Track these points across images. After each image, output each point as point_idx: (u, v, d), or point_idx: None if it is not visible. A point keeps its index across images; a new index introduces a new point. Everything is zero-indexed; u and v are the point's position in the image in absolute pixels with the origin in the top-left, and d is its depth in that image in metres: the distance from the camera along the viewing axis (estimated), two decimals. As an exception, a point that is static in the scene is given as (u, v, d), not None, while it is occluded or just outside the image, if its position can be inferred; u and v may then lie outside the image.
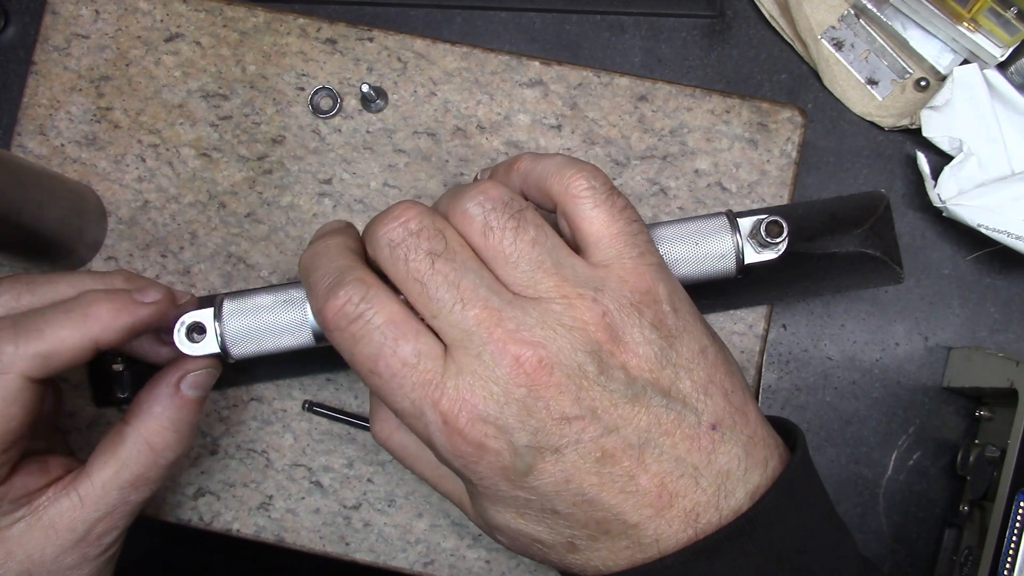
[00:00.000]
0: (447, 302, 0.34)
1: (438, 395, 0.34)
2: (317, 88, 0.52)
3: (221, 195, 0.52)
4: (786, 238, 0.43)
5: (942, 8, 0.52)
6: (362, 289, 0.35)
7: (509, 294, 0.35)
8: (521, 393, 0.33)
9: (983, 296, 0.54)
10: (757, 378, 0.51)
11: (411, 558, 0.51)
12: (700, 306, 0.50)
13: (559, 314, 0.34)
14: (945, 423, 0.54)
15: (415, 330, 0.34)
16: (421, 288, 0.34)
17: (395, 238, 0.35)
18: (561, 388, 0.34)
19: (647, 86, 0.52)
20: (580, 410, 0.34)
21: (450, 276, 0.34)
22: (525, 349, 0.33)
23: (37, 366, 0.37)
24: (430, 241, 0.35)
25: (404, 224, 0.35)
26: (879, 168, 0.55)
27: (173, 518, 0.51)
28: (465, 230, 0.36)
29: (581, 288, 0.35)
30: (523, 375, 0.33)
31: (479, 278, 0.35)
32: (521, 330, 0.34)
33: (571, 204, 0.37)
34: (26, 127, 0.52)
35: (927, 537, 0.54)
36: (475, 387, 0.34)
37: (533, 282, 0.35)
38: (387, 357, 0.34)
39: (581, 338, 0.34)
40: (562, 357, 0.34)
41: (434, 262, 0.35)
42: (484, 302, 0.34)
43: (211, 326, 0.42)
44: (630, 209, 0.38)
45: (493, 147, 0.52)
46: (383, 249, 0.35)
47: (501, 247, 0.35)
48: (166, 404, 0.41)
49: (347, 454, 0.51)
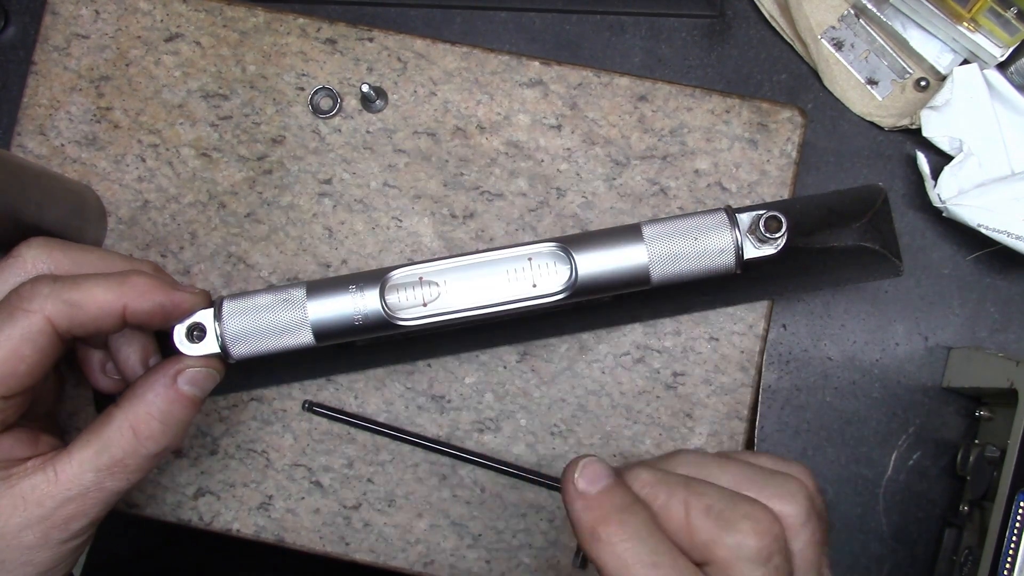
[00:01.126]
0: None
1: None
2: (317, 88, 0.52)
3: (221, 195, 0.52)
4: (785, 233, 0.43)
5: (942, 8, 0.52)
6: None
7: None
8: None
9: (983, 296, 0.54)
10: (757, 378, 0.51)
11: (411, 558, 0.51)
12: (700, 302, 0.50)
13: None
14: (945, 423, 0.54)
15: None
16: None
17: (770, 556, 0.33)
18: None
19: (647, 86, 0.52)
20: None
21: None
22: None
23: (64, 314, 0.38)
24: (788, 563, 0.34)
25: (776, 541, 0.33)
26: (879, 168, 0.55)
27: (173, 518, 0.51)
28: (788, 534, 0.35)
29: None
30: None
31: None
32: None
33: None
34: (26, 127, 0.52)
35: (927, 537, 0.54)
36: None
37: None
38: None
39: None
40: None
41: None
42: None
43: (211, 326, 0.42)
44: None
45: (493, 147, 0.52)
46: (752, 564, 0.33)
47: (815, 557, 0.35)
48: (158, 393, 0.40)
49: (347, 454, 0.51)
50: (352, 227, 0.51)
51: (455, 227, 0.51)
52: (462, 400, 0.51)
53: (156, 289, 0.40)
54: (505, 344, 0.51)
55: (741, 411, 0.51)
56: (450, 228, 0.51)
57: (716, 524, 0.33)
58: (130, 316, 0.39)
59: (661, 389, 0.51)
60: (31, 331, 0.38)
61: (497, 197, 0.51)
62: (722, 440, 0.50)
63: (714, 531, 0.33)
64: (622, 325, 0.51)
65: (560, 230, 0.51)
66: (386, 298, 0.43)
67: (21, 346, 0.38)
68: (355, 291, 0.43)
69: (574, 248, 0.43)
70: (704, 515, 0.34)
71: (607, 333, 0.51)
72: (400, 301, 0.43)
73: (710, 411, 0.51)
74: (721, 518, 0.33)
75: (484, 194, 0.51)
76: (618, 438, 0.51)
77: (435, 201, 0.51)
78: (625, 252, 0.43)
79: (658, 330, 0.51)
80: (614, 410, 0.51)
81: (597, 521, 0.34)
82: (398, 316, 0.43)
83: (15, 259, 0.42)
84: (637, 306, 0.50)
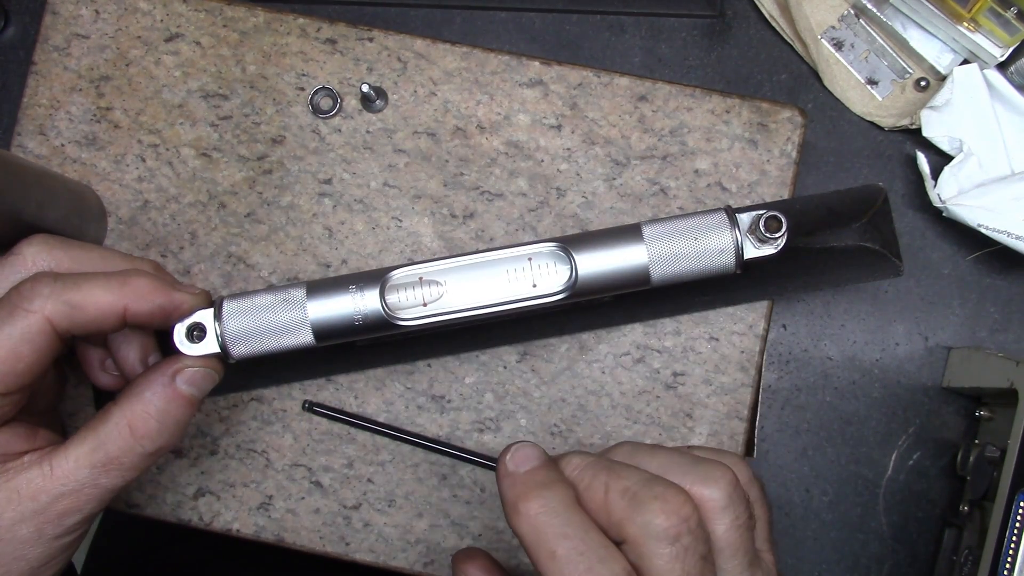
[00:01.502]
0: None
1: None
2: (317, 88, 0.52)
3: (221, 195, 0.52)
4: (785, 233, 0.43)
5: (942, 8, 0.52)
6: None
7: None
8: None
9: (983, 296, 0.54)
10: (757, 378, 0.51)
11: (411, 558, 0.51)
12: (700, 302, 0.50)
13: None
14: (945, 423, 0.54)
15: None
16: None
17: (679, 535, 0.35)
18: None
19: (647, 86, 0.52)
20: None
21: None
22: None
23: (64, 314, 0.38)
24: (704, 544, 0.35)
25: (686, 521, 0.35)
26: (879, 168, 0.55)
27: (173, 518, 0.51)
28: (709, 518, 0.36)
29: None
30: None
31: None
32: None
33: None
34: (26, 127, 0.52)
35: (927, 537, 0.54)
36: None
37: (739, 570, 0.37)
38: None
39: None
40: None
41: (703, 567, 0.35)
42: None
43: (211, 326, 0.42)
44: None
45: (493, 147, 0.52)
46: (661, 542, 0.34)
47: (740, 542, 0.37)
48: (156, 392, 0.40)
49: (347, 454, 0.51)
50: (352, 227, 0.51)
51: (455, 227, 0.51)
52: (462, 400, 0.51)
53: (157, 291, 0.40)
54: (505, 344, 0.51)
55: (741, 411, 0.51)
56: (450, 228, 0.51)
57: (629, 504, 0.35)
58: (130, 317, 0.39)
59: (661, 389, 0.51)
60: (30, 331, 0.38)
61: (497, 197, 0.51)
62: (722, 440, 0.50)
63: (627, 510, 0.35)
64: (622, 325, 0.51)
65: (560, 230, 0.51)
66: (386, 298, 0.43)
67: (20, 346, 0.38)
68: (355, 291, 0.43)
69: (574, 248, 0.43)
70: (620, 495, 0.35)
71: (607, 333, 0.51)
72: (400, 301, 0.43)
73: (710, 411, 0.51)
74: (635, 499, 0.35)
75: (484, 194, 0.51)
76: (618, 438, 0.51)
77: (435, 201, 0.52)
78: (625, 252, 0.43)
79: (658, 330, 0.51)
80: (614, 410, 0.51)
81: (519, 496, 0.36)
82: (398, 316, 0.43)
83: (16, 256, 0.42)
84: (637, 306, 0.50)
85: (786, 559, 0.54)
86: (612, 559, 0.34)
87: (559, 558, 0.34)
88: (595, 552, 0.34)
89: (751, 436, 0.51)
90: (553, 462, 0.38)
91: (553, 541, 0.35)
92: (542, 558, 0.35)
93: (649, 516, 0.34)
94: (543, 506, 0.35)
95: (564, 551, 0.34)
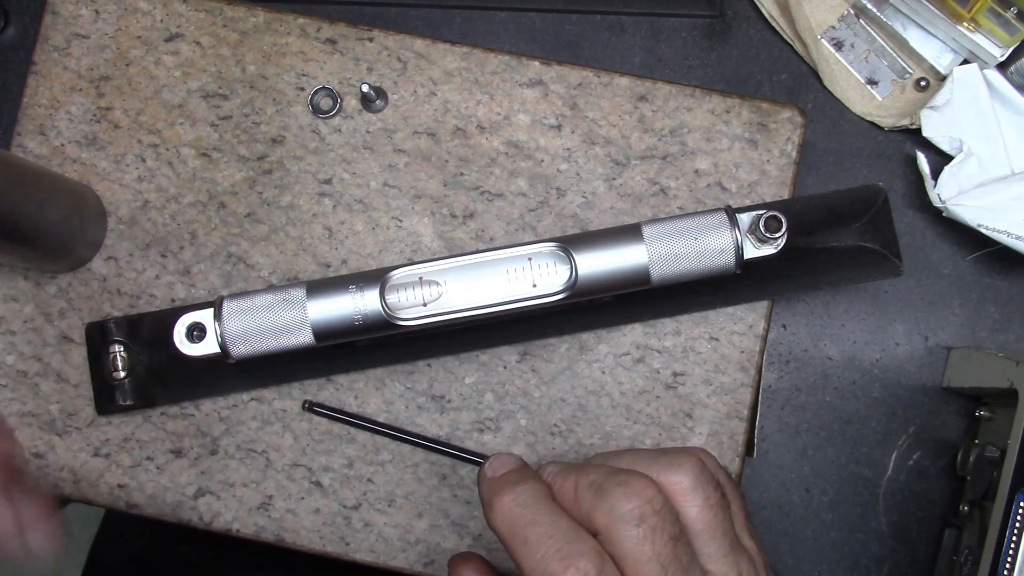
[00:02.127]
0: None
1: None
2: (317, 88, 0.52)
3: (221, 195, 0.52)
4: (785, 233, 0.43)
5: (942, 8, 0.52)
6: (599, 562, 0.35)
7: (704, 574, 0.37)
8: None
9: (983, 296, 0.54)
10: (757, 378, 0.51)
11: (411, 558, 0.51)
12: (700, 302, 0.50)
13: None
14: (945, 423, 0.54)
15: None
16: (661, 571, 0.35)
17: (644, 516, 0.35)
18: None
19: (647, 86, 0.52)
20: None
21: (683, 560, 0.36)
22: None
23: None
24: (673, 525, 0.36)
25: (650, 502, 0.36)
26: (879, 168, 0.55)
27: (173, 518, 0.51)
28: (680, 502, 0.37)
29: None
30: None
31: (696, 562, 0.37)
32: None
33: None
34: (26, 127, 0.52)
35: (927, 537, 0.54)
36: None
37: (722, 552, 0.38)
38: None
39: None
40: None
41: (675, 546, 0.36)
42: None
43: (211, 326, 0.42)
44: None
45: (493, 147, 0.52)
46: (627, 524, 0.35)
47: (717, 522, 0.37)
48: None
49: (347, 454, 0.51)
50: (352, 227, 0.51)
51: (455, 227, 0.51)
52: (462, 400, 0.51)
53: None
54: (505, 344, 0.51)
55: (741, 411, 0.51)
56: (450, 228, 0.51)
57: (595, 494, 0.36)
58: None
59: (661, 389, 0.51)
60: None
61: (497, 197, 0.51)
62: (722, 440, 0.50)
63: (593, 500, 0.36)
64: (622, 325, 0.51)
65: (560, 230, 0.51)
66: (386, 298, 0.43)
67: None
68: (355, 291, 0.43)
69: (574, 248, 0.43)
70: (587, 488, 0.37)
71: (607, 333, 0.51)
72: (400, 301, 0.43)
73: (710, 411, 0.51)
74: (600, 488, 0.36)
75: (484, 194, 0.51)
76: (618, 438, 0.51)
77: (435, 201, 0.52)
78: (625, 252, 0.43)
79: (658, 330, 0.51)
80: (614, 410, 0.51)
81: (493, 494, 0.38)
82: (398, 316, 0.43)
83: None
84: (637, 306, 0.50)
85: (786, 559, 0.54)
86: (581, 540, 0.35)
87: (530, 543, 0.35)
88: (564, 535, 0.35)
89: (751, 436, 0.51)
90: (528, 467, 0.40)
91: (525, 529, 0.36)
92: (516, 546, 0.36)
93: (612, 501, 0.36)
94: (514, 499, 0.37)
95: (535, 536, 0.36)
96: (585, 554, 0.35)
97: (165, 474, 0.51)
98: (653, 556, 0.35)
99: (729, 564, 0.37)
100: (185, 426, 0.51)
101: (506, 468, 0.39)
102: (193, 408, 0.51)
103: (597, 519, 0.36)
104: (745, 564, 0.38)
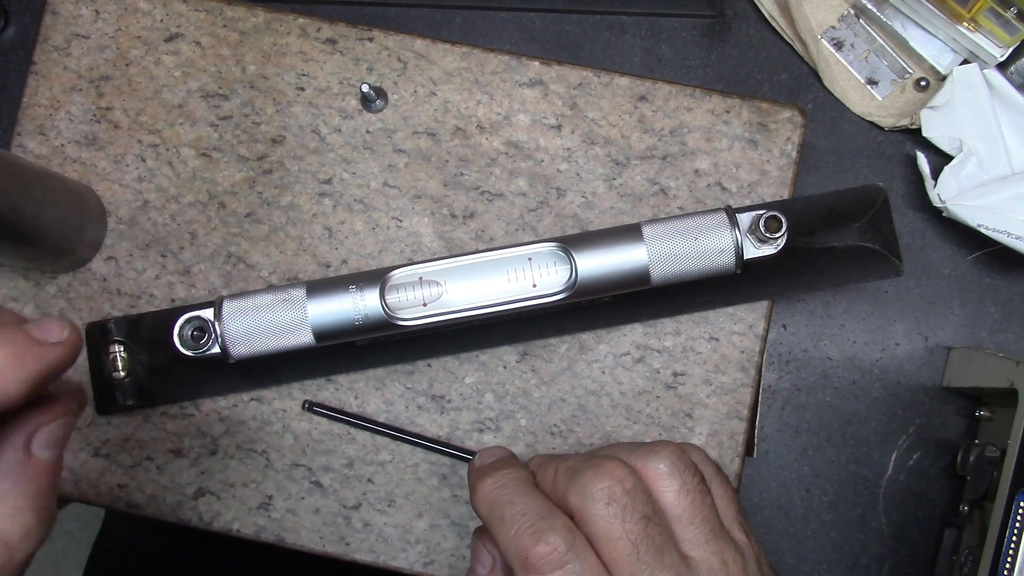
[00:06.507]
0: (650, 565, 0.36)
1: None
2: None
3: (221, 195, 0.52)
4: (785, 233, 0.43)
5: (942, 8, 0.52)
6: (569, 537, 0.36)
7: (683, 559, 0.38)
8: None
9: (983, 296, 0.54)
10: (757, 378, 0.51)
11: (411, 558, 0.51)
12: (700, 302, 0.50)
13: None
14: (945, 423, 0.54)
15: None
16: (632, 549, 0.36)
17: (614, 495, 0.36)
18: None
19: (647, 86, 0.52)
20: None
21: (656, 540, 0.36)
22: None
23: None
24: (644, 505, 0.37)
25: (621, 483, 0.37)
26: (879, 168, 0.55)
27: (173, 518, 0.51)
28: (657, 487, 0.38)
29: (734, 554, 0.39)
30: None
31: (672, 545, 0.37)
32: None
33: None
34: (26, 127, 0.52)
35: (927, 537, 0.54)
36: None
37: (703, 539, 0.38)
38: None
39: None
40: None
41: (647, 525, 0.36)
42: (675, 569, 0.37)
43: (211, 326, 0.42)
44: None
45: (493, 147, 0.52)
46: (597, 504, 0.36)
47: (695, 508, 0.38)
48: (17, 477, 0.31)
49: (347, 454, 0.51)
50: (352, 227, 0.51)
51: (455, 227, 0.51)
52: (462, 400, 0.51)
53: (23, 359, 0.29)
54: (505, 344, 0.51)
55: (741, 411, 0.51)
56: (450, 228, 0.51)
57: (569, 477, 0.38)
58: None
59: (661, 389, 0.51)
60: None
61: (497, 197, 0.51)
62: (722, 440, 0.50)
63: (568, 482, 0.38)
64: (622, 325, 0.51)
65: (560, 230, 0.51)
66: (386, 298, 0.43)
67: None
68: (355, 291, 0.43)
69: (574, 248, 0.43)
70: (564, 473, 0.38)
71: (607, 333, 0.51)
72: (400, 301, 0.43)
73: (710, 411, 0.51)
74: (574, 471, 0.38)
75: (484, 194, 0.51)
76: (618, 438, 0.51)
77: (435, 201, 0.52)
78: (625, 252, 0.43)
79: (658, 330, 0.51)
80: (614, 410, 0.51)
81: (477, 479, 0.40)
82: (398, 316, 0.43)
83: None
84: (637, 306, 0.50)
85: (786, 559, 0.54)
86: (553, 516, 0.37)
87: (506, 520, 0.37)
88: (537, 512, 0.37)
89: (751, 436, 0.51)
90: (515, 457, 0.42)
91: (502, 508, 0.38)
92: (494, 525, 0.38)
93: (584, 481, 0.37)
94: (495, 482, 0.39)
95: (511, 514, 0.37)
96: (556, 530, 0.36)
97: (165, 474, 0.51)
98: (623, 534, 0.36)
99: (711, 551, 0.38)
100: (185, 426, 0.51)
101: (493, 458, 0.41)
102: (193, 408, 0.51)
103: (571, 500, 0.37)
104: (730, 553, 0.38)
